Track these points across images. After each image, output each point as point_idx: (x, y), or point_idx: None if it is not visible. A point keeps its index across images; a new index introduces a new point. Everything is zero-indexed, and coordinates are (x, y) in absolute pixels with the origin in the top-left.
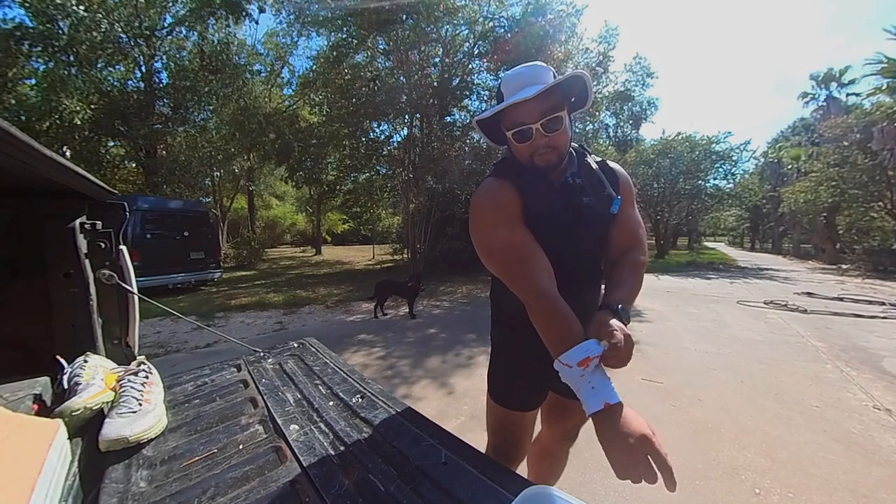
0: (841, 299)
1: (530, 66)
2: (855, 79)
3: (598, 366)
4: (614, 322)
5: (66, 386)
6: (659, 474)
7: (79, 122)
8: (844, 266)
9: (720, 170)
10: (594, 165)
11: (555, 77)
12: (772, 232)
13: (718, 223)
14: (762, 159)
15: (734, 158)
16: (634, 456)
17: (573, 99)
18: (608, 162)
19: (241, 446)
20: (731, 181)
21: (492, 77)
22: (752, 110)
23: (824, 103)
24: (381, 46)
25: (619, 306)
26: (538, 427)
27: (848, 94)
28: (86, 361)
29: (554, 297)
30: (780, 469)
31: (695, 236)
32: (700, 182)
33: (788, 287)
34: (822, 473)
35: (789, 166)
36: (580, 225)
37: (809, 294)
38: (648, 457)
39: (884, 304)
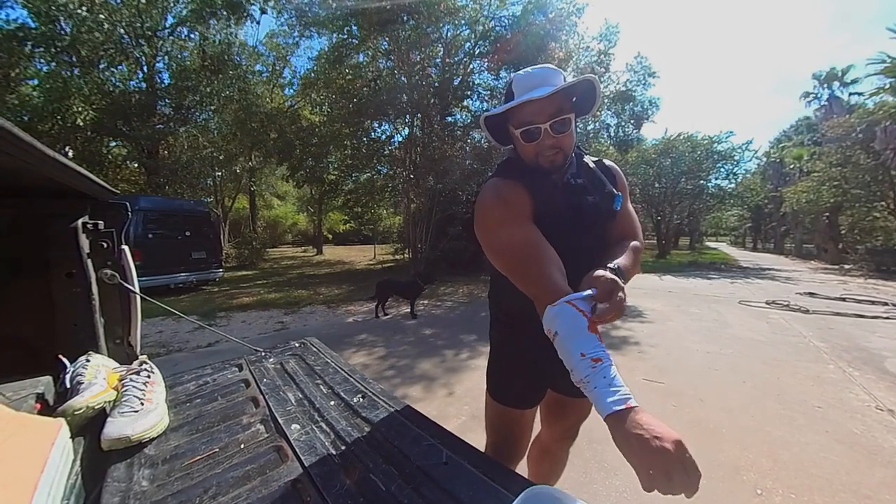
0: (843, 299)
1: (542, 67)
2: (857, 78)
3: (612, 365)
4: (606, 273)
5: (68, 385)
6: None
7: (81, 123)
8: (847, 266)
9: (722, 169)
10: (592, 164)
11: (564, 81)
12: (774, 232)
13: (720, 223)
14: (764, 159)
15: (736, 158)
16: (668, 464)
17: (574, 99)
18: (603, 160)
19: (242, 445)
20: (733, 181)
21: (492, 77)
22: (753, 110)
23: (826, 103)
24: (382, 46)
25: (616, 265)
26: (538, 427)
27: (850, 94)
28: (88, 361)
29: (566, 292)
30: (783, 470)
31: (696, 236)
32: (702, 182)
33: (790, 287)
34: (825, 474)
35: (791, 166)
36: (583, 224)
37: (811, 294)
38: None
39: (886, 304)
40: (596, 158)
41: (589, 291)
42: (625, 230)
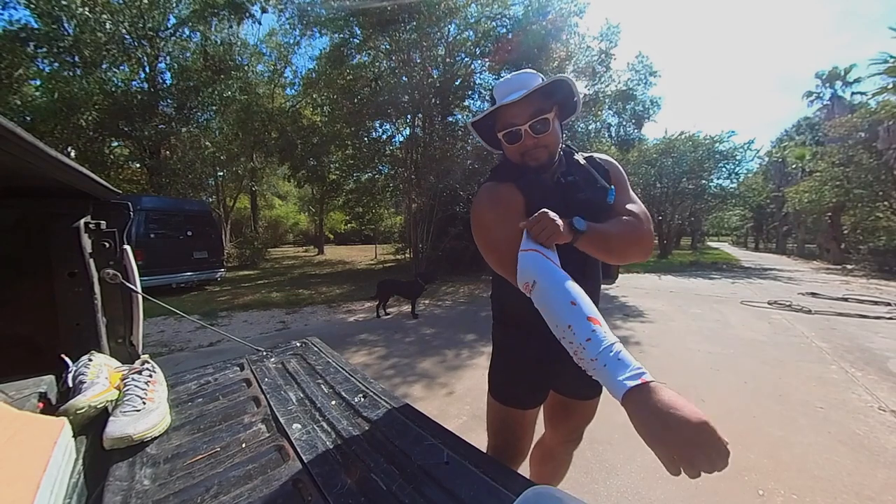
0: (846, 300)
1: (520, 73)
2: (860, 77)
3: (616, 344)
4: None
5: (70, 384)
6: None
7: (83, 124)
8: (849, 266)
9: (724, 169)
10: (582, 162)
11: (543, 82)
12: (776, 232)
13: (722, 223)
14: (766, 158)
15: (738, 158)
16: (697, 446)
17: (561, 103)
18: (594, 155)
19: (243, 445)
20: (735, 181)
21: (493, 77)
22: (755, 109)
23: (829, 102)
24: (384, 47)
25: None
26: (540, 430)
27: (853, 93)
28: (90, 360)
29: None
30: (784, 470)
31: (698, 236)
32: (703, 182)
33: (792, 287)
34: (827, 475)
35: (794, 166)
36: None
37: (814, 294)
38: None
39: (889, 304)
40: (587, 155)
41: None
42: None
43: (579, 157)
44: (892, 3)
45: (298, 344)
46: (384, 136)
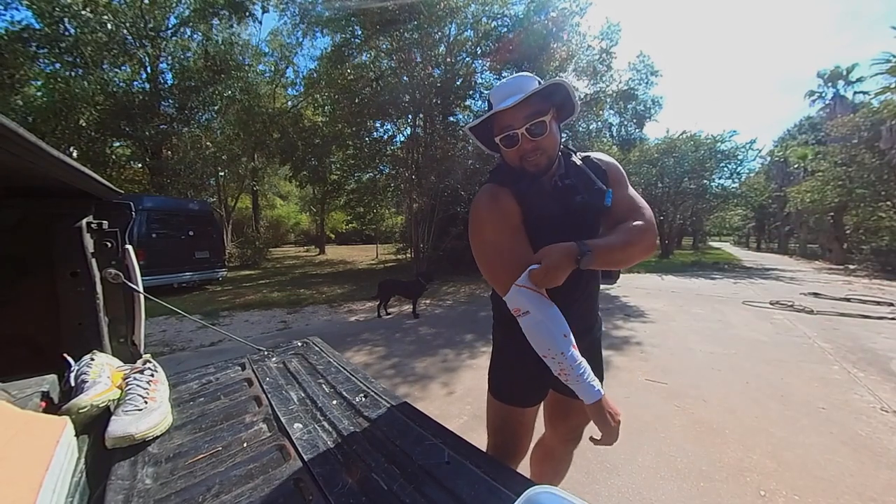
0: (848, 300)
1: (516, 76)
2: (862, 77)
3: (586, 363)
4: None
5: (73, 384)
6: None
7: (84, 123)
8: (851, 266)
9: (725, 169)
10: (580, 163)
11: (539, 86)
12: (778, 232)
13: (724, 223)
14: (768, 158)
15: (739, 157)
16: (616, 429)
17: (559, 105)
18: (591, 155)
19: (245, 444)
20: (737, 180)
21: (495, 76)
22: (757, 109)
23: (831, 101)
24: (385, 46)
25: (584, 243)
26: (541, 430)
27: (855, 93)
28: (92, 359)
29: None
30: (786, 471)
31: (700, 236)
32: (705, 181)
33: (794, 287)
34: (829, 476)
35: (795, 165)
36: (574, 223)
37: (816, 294)
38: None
39: (892, 304)
40: (584, 155)
41: (533, 266)
42: (626, 217)
43: (576, 158)
44: (894, 4)
45: (299, 343)
46: (385, 136)
